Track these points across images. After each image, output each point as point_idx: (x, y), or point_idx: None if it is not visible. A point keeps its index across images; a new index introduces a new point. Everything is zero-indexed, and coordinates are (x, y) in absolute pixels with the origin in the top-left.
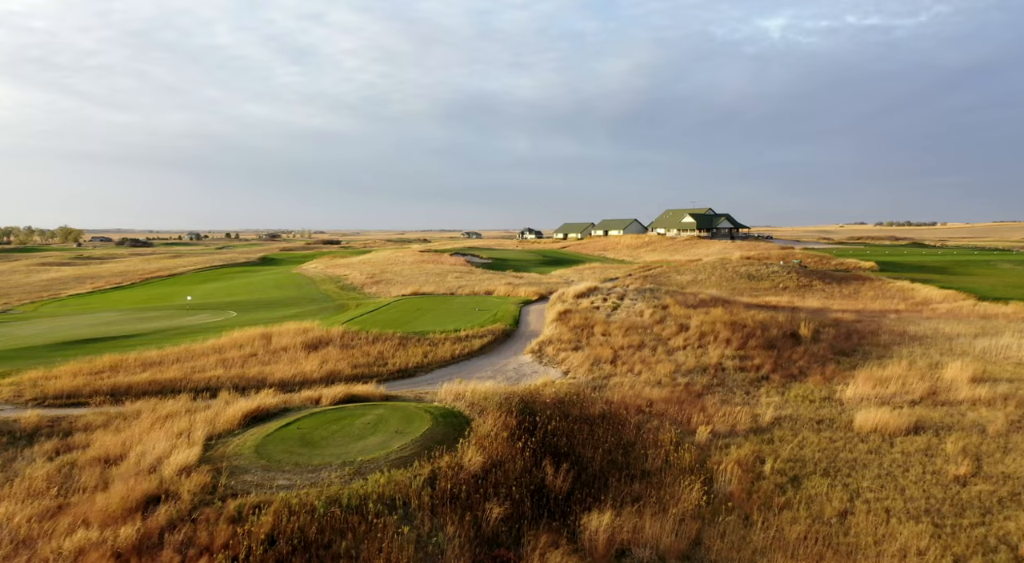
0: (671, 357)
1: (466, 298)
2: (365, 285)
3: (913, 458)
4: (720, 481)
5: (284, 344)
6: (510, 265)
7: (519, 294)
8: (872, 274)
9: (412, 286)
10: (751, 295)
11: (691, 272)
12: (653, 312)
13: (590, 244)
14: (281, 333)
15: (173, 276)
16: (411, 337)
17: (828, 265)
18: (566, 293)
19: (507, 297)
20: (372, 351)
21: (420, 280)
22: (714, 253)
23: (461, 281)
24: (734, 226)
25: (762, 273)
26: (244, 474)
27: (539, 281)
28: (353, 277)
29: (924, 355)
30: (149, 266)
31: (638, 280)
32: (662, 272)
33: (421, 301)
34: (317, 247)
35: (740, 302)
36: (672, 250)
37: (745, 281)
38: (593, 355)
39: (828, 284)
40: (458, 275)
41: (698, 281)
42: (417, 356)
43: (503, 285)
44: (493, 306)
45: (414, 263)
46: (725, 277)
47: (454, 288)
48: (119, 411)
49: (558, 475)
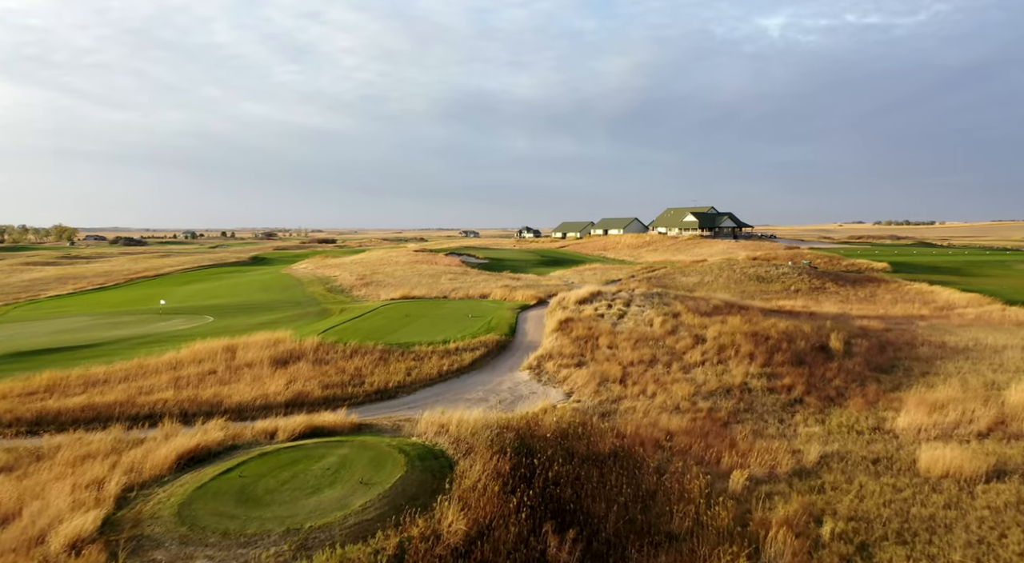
0: (688, 375)
1: (459, 303)
2: (354, 287)
3: (1006, 517)
4: (768, 552)
5: (250, 359)
6: (507, 266)
7: (516, 298)
8: (886, 276)
9: (403, 289)
10: (762, 298)
11: (697, 273)
12: (664, 321)
13: (589, 244)
14: (248, 346)
15: (159, 276)
16: (394, 350)
17: (839, 266)
18: (567, 298)
19: (503, 302)
20: (349, 367)
21: (412, 282)
22: (718, 253)
23: (455, 283)
24: (737, 225)
25: (772, 275)
26: (153, 550)
27: (537, 283)
28: (342, 278)
29: (974, 372)
30: (136, 266)
31: (643, 283)
32: (666, 273)
33: (411, 306)
34: (312, 246)
35: (755, 308)
36: (674, 250)
37: (755, 283)
38: (599, 372)
39: (842, 286)
40: (452, 277)
41: (705, 283)
42: (399, 373)
43: (499, 288)
44: (488, 312)
45: (407, 264)
46: (733, 279)
47: (447, 291)
48: (35, 447)
49: (563, 545)
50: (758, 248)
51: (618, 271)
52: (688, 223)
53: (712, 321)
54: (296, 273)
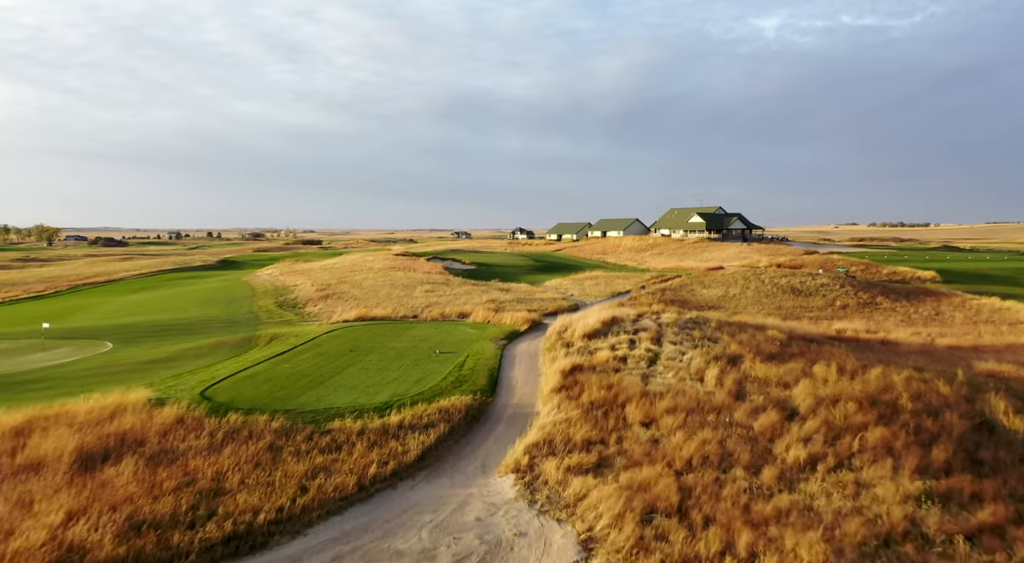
0: (796, 495)
1: (428, 327)
2: (311, 301)
3: None
4: None
5: (44, 452)
6: (496, 273)
7: (503, 321)
8: (940, 287)
9: (364, 305)
10: (808, 318)
11: (719, 284)
12: (720, 371)
13: (587, 246)
14: (59, 420)
15: (110, 282)
16: (300, 428)
17: (879, 275)
18: (571, 329)
19: (485, 327)
20: (205, 471)
21: (380, 295)
22: (731, 258)
23: (431, 297)
24: (747, 227)
25: (809, 286)
26: None
27: (530, 296)
28: (302, 288)
29: None
30: (90, 270)
31: (656, 296)
32: (682, 284)
33: (364, 333)
34: (294, 248)
35: (824, 337)
36: (681, 254)
37: (790, 297)
38: (637, 487)
39: (896, 301)
40: (430, 288)
41: (730, 297)
42: (289, 487)
43: (483, 305)
44: (462, 345)
45: (382, 270)
46: (763, 292)
47: (419, 308)
48: None
49: None
50: (775, 252)
51: (624, 280)
52: (694, 225)
53: (791, 370)
54: (256, 281)
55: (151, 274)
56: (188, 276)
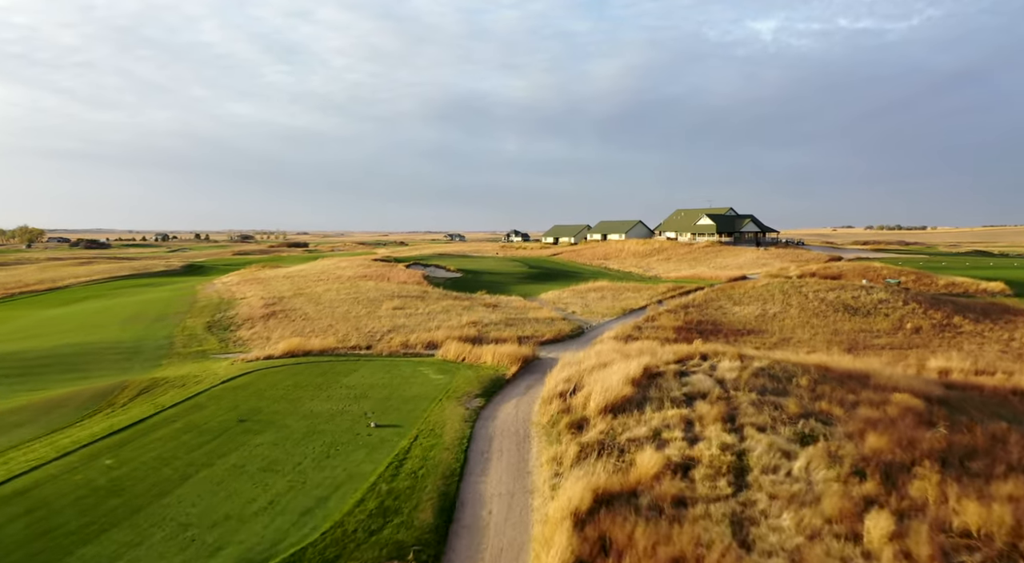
0: None
1: (378, 369)
2: (249, 320)
3: None
4: None
5: None
6: (484, 282)
7: (482, 358)
8: (1015, 302)
9: (311, 329)
10: (877, 346)
11: (753, 300)
12: (874, 517)
13: (587, 251)
14: None
15: (52, 290)
16: None
17: (935, 286)
18: (584, 394)
19: (458, 367)
20: None
21: (336, 313)
22: (749, 264)
23: (398, 317)
24: (760, 229)
25: (864, 303)
26: None
27: (522, 315)
28: (248, 303)
29: None
30: (34, 277)
31: (679, 317)
32: (708, 299)
33: (280, 381)
34: (277, 251)
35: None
36: (692, 260)
37: (846, 317)
38: None
39: (976, 322)
40: (400, 303)
41: (771, 317)
42: None
43: (458, 333)
44: (414, 408)
45: (352, 279)
46: (810, 310)
47: (378, 334)
48: None
49: None
50: (798, 258)
51: (634, 293)
52: (703, 227)
53: (1002, 509)
54: (205, 292)
55: (102, 281)
56: (140, 284)
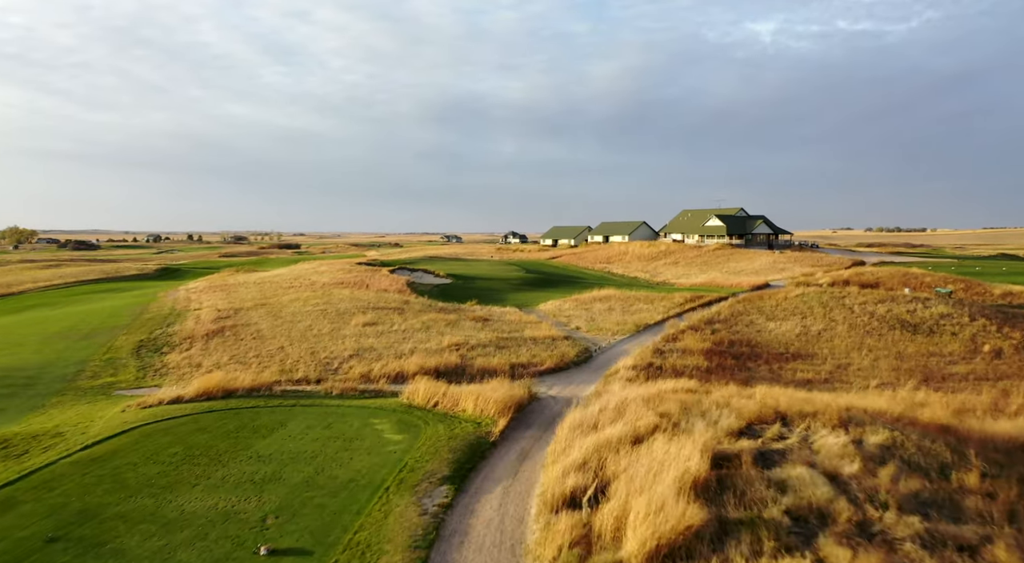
0: None
1: (315, 422)
2: (190, 338)
3: None
4: None
5: None
6: (475, 289)
7: (461, 406)
8: None
9: (255, 354)
10: (957, 377)
11: (789, 314)
12: None
13: (588, 254)
14: None
15: (5, 297)
16: None
17: (989, 297)
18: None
19: (426, 416)
20: None
21: (294, 331)
22: (765, 269)
23: (366, 337)
24: (773, 231)
25: (922, 318)
26: None
27: (517, 332)
28: (200, 316)
29: None
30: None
31: (706, 336)
32: (735, 313)
33: (168, 447)
34: (266, 252)
35: None
36: (703, 264)
37: (906, 337)
38: None
39: None
40: (372, 318)
41: (814, 335)
42: None
43: (435, 361)
44: (335, 522)
45: (326, 286)
46: (860, 326)
47: (336, 361)
48: None
49: None
50: (818, 262)
51: (648, 305)
52: (712, 229)
53: None
54: (161, 300)
55: (63, 286)
56: (101, 289)
